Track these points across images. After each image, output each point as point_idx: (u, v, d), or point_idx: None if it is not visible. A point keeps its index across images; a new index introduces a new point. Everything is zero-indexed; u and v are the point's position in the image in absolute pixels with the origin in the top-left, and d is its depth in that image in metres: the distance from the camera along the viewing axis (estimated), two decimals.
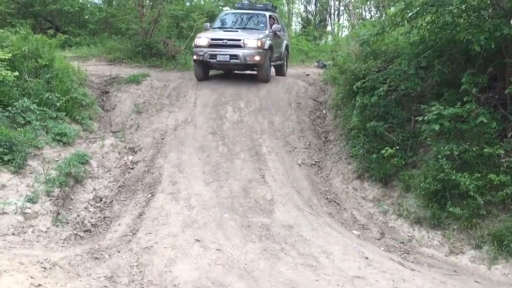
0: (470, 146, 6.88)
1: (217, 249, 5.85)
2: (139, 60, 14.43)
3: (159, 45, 14.85)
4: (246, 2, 15.64)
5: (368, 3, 24.37)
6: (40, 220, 6.37)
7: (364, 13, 27.29)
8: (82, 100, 9.72)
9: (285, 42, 13.76)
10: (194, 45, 11.69)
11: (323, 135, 10.05)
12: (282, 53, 13.28)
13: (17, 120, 7.90)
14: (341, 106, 10.01)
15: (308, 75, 13.64)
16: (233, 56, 11.21)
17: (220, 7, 20.84)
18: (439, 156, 6.98)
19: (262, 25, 12.35)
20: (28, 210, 6.36)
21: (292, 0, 28.11)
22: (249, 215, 6.88)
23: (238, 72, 12.59)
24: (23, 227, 6.10)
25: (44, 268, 4.97)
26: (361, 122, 8.69)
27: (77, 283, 4.83)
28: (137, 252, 5.80)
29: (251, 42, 11.27)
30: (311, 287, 5.23)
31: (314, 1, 29.35)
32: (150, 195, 7.46)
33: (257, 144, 9.06)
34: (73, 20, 19.99)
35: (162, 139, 9.22)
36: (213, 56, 11.30)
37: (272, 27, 12.33)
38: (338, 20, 28.81)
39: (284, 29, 14.60)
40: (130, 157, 8.77)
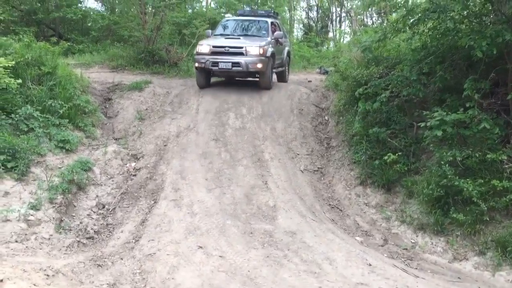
0: (473, 152, 6.88)
1: (220, 256, 5.83)
2: (142, 67, 14.47)
3: (162, 52, 14.89)
4: (248, 9, 15.71)
5: (370, 10, 24.43)
6: (43, 227, 6.37)
7: (366, 19, 27.37)
8: (85, 107, 9.77)
9: (287, 49, 13.75)
10: (196, 53, 11.65)
11: (326, 141, 10.05)
12: (284, 60, 13.29)
13: (20, 127, 7.93)
14: (343, 112, 10.02)
15: (310, 81, 13.66)
16: (235, 64, 11.19)
17: (222, 14, 20.90)
18: (442, 162, 6.98)
19: (264, 32, 12.30)
20: (31, 217, 6.37)
21: (294, 7, 28.20)
22: (252, 222, 6.87)
23: (240, 79, 12.60)
24: (26, 234, 6.10)
25: (47, 276, 4.97)
26: (364, 128, 8.70)
27: None
28: (140, 259, 5.79)
29: (253, 50, 11.25)
30: None
31: (316, 8, 29.41)
32: (153, 202, 7.46)
33: (260, 151, 9.07)
34: (76, 28, 20.05)
35: (165, 146, 9.23)
36: (215, 64, 11.27)
37: (274, 34, 12.29)
38: (340, 27, 28.86)
39: (286, 35, 14.57)
40: (133, 164, 8.78)
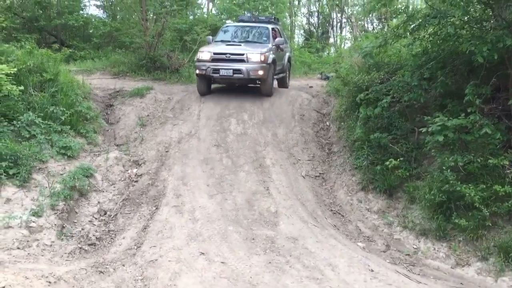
0: (475, 157, 6.87)
1: (222, 262, 5.81)
2: (143, 74, 14.51)
3: (163, 59, 14.94)
4: (249, 15, 15.72)
5: (370, 15, 24.51)
6: (45, 234, 6.37)
7: (367, 25, 27.47)
8: (87, 114, 9.80)
9: (288, 54, 13.74)
10: (197, 59, 11.61)
11: (327, 147, 10.05)
12: (285, 66, 13.28)
13: (22, 134, 7.95)
14: (345, 118, 10.03)
15: (311, 87, 13.68)
16: (237, 71, 11.16)
17: (223, 20, 20.97)
18: (444, 167, 6.97)
19: (265, 39, 12.26)
20: (33, 224, 6.37)
21: (295, 13, 28.30)
22: (254, 228, 6.85)
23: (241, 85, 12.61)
24: (28, 241, 6.10)
25: (49, 283, 4.96)
26: (365, 134, 8.70)
27: None
28: (142, 266, 5.77)
29: (255, 57, 11.20)
30: None
31: (317, 14, 29.53)
32: (155, 208, 7.45)
33: (261, 156, 9.07)
34: (78, 34, 20.13)
35: (166, 152, 9.24)
36: (216, 71, 11.23)
37: (275, 41, 12.26)
38: (341, 32, 28.97)
39: (287, 41, 14.55)
40: (135, 170, 8.78)
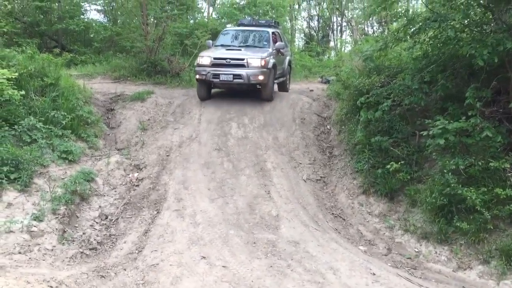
0: (476, 160, 6.87)
1: (223, 266, 5.81)
2: (144, 78, 14.53)
3: (164, 63, 14.96)
4: (249, 18, 15.74)
5: (371, 19, 24.56)
6: (46, 238, 6.36)
7: (367, 29, 27.55)
8: (88, 118, 9.81)
9: (288, 58, 13.71)
10: (197, 64, 11.56)
11: (328, 151, 10.05)
12: (285, 69, 13.26)
13: (23, 139, 7.97)
14: (345, 121, 10.04)
15: (312, 91, 13.69)
16: (237, 76, 11.09)
17: (224, 24, 20.99)
18: (445, 171, 6.97)
19: (265, 43, 12.22)
20: (34, 228, 6.37)
21: (295, 17, 28.35)
22: (255, 232, 6.85)
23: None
24: (29, 246, 6.10)
25: (51, 287, 4.97)
26: (366, 137, 8.70)
27: None
28: (143, 270, 5.77)
29: (255, 61, 11.15)
30: None
31: (317, 17, 29.60)
32: (156, 212, 7.45)
33: (262, 160, 9.07)
34: (79, 39, 20.17)
35: (167, 156, 9.24)
36: (216, 76, 11.16)
37: (275, 45, 12.21)
38: (341, 36, 29.03)
39: (287, 45, 14.50)
40: (136, 174, 8.78)
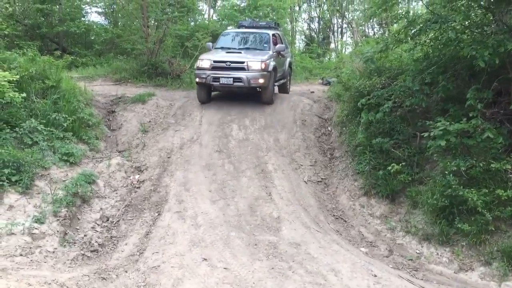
0: (477, 162, 6.86)
1: (225, 268, 5.81)
2: (145, 80, 14.56)
3: (165, 65, 14.99)
4: (249, 20, 15.75)
5: (371, 21, 24.58)
6: (48, 241, 6.36)
7: (367, 30, 27.56)
8: (89, 120, 9.83)
9: (288, 60, 13.68)
10: (197, 67, 11.50)
11: (329, 152, 10.05)
12: (286, 71, 13.22)
13: (25, 141, 7.97)
14: (346, 123, 10.04)
15: (313, 92, 13.70)
16: (237, 79, 11.04)
17: (225, 26, 21.00)
18: (446, 172, 6.96)
19: (266, 45, 12.14)
20: (36, 231, 6.36)
21: (296, 18, 28.37)
22: (256, 233, 6.84)
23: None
24: (31, 248, 6.09)
25: None
26: (367, 139, 8.70)
27: None
28: (144, 272, 5.77)
29: (255, 65, 11.08)
30: None
31: (317, 19, 29.62)
32: (157, 214, 7.45)
33: (263, 162, 9.07)
34: (80, 41, 20.22)
35: (168, 158, 9.24)
36: (216, 79, 11.11)
37: (276, 47, 12.14)
38: (342, 38, 29.06)
39: (287, 46, 14.43)
40: (137, 176, 8.79)
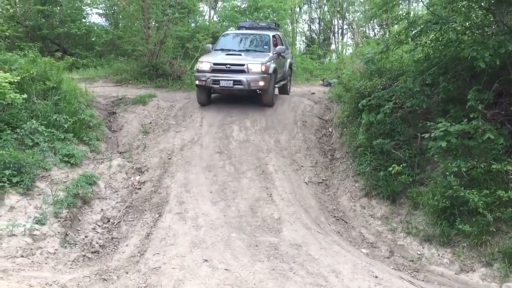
0: (478, 163, 6.85)
1: (226, 269, 5.81)
2: (146, 81, 14.55)
3: (165, 66, 14.99)
4: (249, 21, 15.74)
5: (372, 22, 24.58)
6: (49, 242, 6.37)
7: (368, 31, 27.56)
8: (90, 121, 9.83)
9: (289, 61, 13.65)
10: (197, 70, 11.44)
11: (330, 153, 10.05)
12: (286, 72, 13.19)
13: (26, 142, 7.97)
14: (347, 124, 10.04)
15: (313, 94, 13.69)
16: (237, 82, 10.97)
17: (225, 27, 21.00)
18: (447, 173, 6.96)
19: (266, 47, 12.09)
20: (37, 232, 6.37)
21: (296, 20, 28.37)
22: (257, 234, 6.84)
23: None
24: (32, 249, 6.10)
25: None
26: (368, 140, 8.70)
27: None
28: (145, 273, 5.77)
29: (255, 67, 11.01)
30: None
31: (318, 20, 29.63)
32: (158, 215, 7.45)
33: (264, 163, 9.07)
34: (80, 43, 20.22)
35: (169, 159, 9.24)
36: (216, 82, 11.05)
37: (276, 49, 12.07)
38: (342, 39, 29.05)
39: (288, 47, 14.37)
40: (137, 178, 8.79)
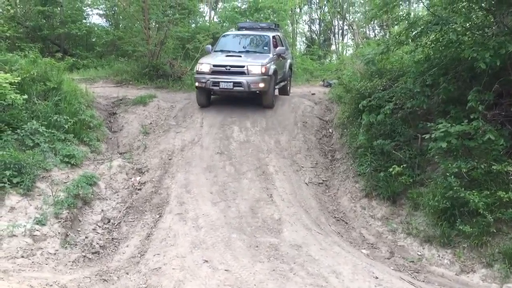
0: (478, 164, 6.85)
1: (226, 270, 5.80)
2: (146, 82, 14.56)
3: (166, 67, 14.99)
4: (249, 22, 15.74)
5: (372, 22, 24.58)
6: (49, 242, 6.37)
7: (368, 32, 27.56)
8: (90, 122, 9.83)
9: (289, 61, 13.60)
10: (196, 71, 11.38)
11: (330, 154, 10.05)
12: (286, 73, 13.16)
13: (26, 143, 7.98)
14: (347, 125, 10.04)
15: (314, 94, 13.69)
16: (237, 84, 10.90)
17: (226, 28, 21.00)
18: (447, 174, 6.96)
19: (266, 48, 12.02)
20: (37, 233, 6.38)
21: (296, 20, 28.37)
22: (257, 235, 6.84)
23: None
24: (32, 250, 6.10)
25: None
26: (368, 141, 8.70)
27: None
28: (146, 274, 5.77)
29: (255, 69, 10.94)
30: None
31: (318, 21, 29.64)
32: (158, 216, 7.46)
33: (264, 164, 9.07)
34: (81, 43, 20.24)
35: (170, 160, 9.25)
36: (216, 83, 10.98)
37: (276, 50, 12.01)
38: (343, 39, 29.05)
39: (288, 48, 14.31)
40: (138, 178, 8.79)
